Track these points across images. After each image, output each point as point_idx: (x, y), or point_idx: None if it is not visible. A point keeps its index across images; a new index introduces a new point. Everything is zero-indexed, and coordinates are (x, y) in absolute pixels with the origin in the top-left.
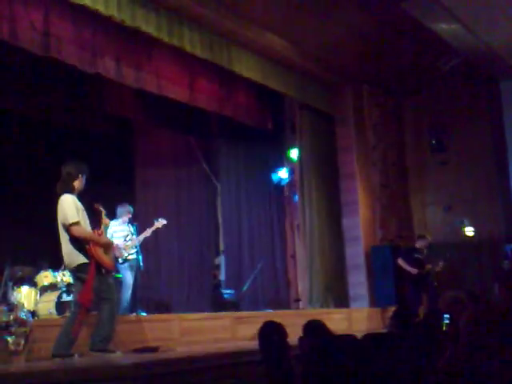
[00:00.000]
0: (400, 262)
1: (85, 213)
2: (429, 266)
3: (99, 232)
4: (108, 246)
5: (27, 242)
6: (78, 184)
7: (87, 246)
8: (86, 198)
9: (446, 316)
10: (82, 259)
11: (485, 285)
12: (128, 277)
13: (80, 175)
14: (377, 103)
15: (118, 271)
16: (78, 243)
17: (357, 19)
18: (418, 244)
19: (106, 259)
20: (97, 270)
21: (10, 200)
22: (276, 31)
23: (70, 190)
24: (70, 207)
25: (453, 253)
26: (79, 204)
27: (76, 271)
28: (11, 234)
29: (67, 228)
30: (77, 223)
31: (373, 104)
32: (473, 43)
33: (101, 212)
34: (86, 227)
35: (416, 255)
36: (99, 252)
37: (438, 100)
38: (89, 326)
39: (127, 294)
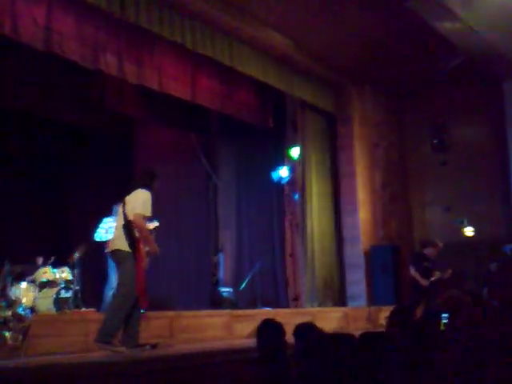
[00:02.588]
0: (413, 273)
1: None
2: (438, 274)
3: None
4: (153, 252)
5: (26, 238)
6: (155, 187)
7: (137, 239)
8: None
9: (445, 315)
10: (124, 246)
11: (484, 286)
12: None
13: (152, 181)
14: (378, 103)
15: None
16: (130, 233)
17: (359, 19)
18: (428, 251)
19: (144, 261)
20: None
21: (10, 196)
22: (279, 29)
23: (150, 189)
24: (149, 202)
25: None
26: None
27: (113, 255)
28: (10, 230)
29: (133, 215)
30: (143, 217)
31: (374, 103)
32: (476, 42)
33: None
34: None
35: (425, 263)
36: (142, 252)
37: (440, 100)
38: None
39: None
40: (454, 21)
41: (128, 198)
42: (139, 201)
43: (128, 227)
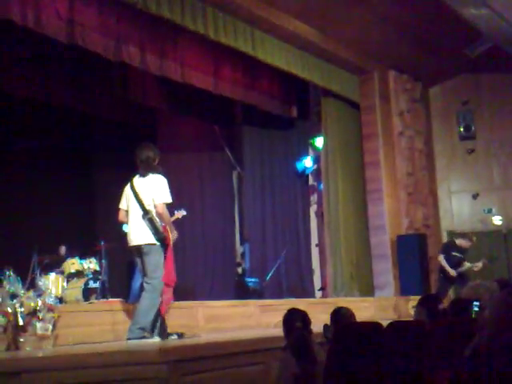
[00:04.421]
0: (440, 259)
1: None
2: (468, 265)
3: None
4: (172, 238)
5: (54, 230)
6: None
7: (162, 231)
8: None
9: (476, 304)
10: (149, 240)
11: None
12: None
13: (157, 159)
14: (404, 90)
15: None
16: (154, 223)
17: (385, 4)
18: (460, 242)
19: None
20: (165, 251)
21: (37, 188)
22: (302, 17)
23: (160, 172)
24: (167, 188)
25: (495, 257)
26: None
27: (137, 249)
28: (39, 222)
29: (158, 206)
30: (165, 204)
31: (400, 91)
32: (502, 28)
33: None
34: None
35: (454, 253)
36: (170, 240)
37: (466, 87)
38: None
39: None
40: (480, 7)
41: (141, 184)
42: (158, 189)
43: (149, 217)
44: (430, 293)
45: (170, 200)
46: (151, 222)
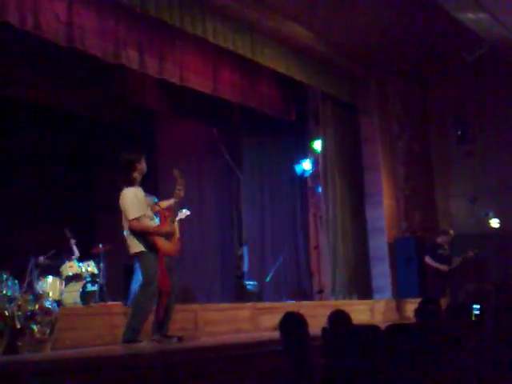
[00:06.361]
0: (428, 260)
1: (148, 198)
2: (457, 260)
3: (166, 214)
4: (169, 234)
5: (53, 232)
6: (138, 172)
7: (150, 238)
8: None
9: (476, 307)
10: (137, 248)
11: (509, 277)
12: None
13: (140, 159)
14: (401, 93)
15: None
16: (138, 235)
17: (381, 8)
18: (440, 239)
19: (167, 247)
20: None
21: (36, 189)
22: (299, 21)
23: (131, 183)
24: (130, 203)
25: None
26: (141, 195)
27: (132, 258)
28: (37, 225)
29: (129, 224)
30: (137, 219)
31: (397, 94)
32: (499, 32)
33: (176, 179)
34: (147, 218)
35: (439, 251)
36: (160, 241)
37: (464, 90)
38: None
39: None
40: (478, 11)
41: (120, 199)
42: (125, 205)
43: (128, 232)
44: (428, 295)
45: (138, 214)
46: (136, 234)
